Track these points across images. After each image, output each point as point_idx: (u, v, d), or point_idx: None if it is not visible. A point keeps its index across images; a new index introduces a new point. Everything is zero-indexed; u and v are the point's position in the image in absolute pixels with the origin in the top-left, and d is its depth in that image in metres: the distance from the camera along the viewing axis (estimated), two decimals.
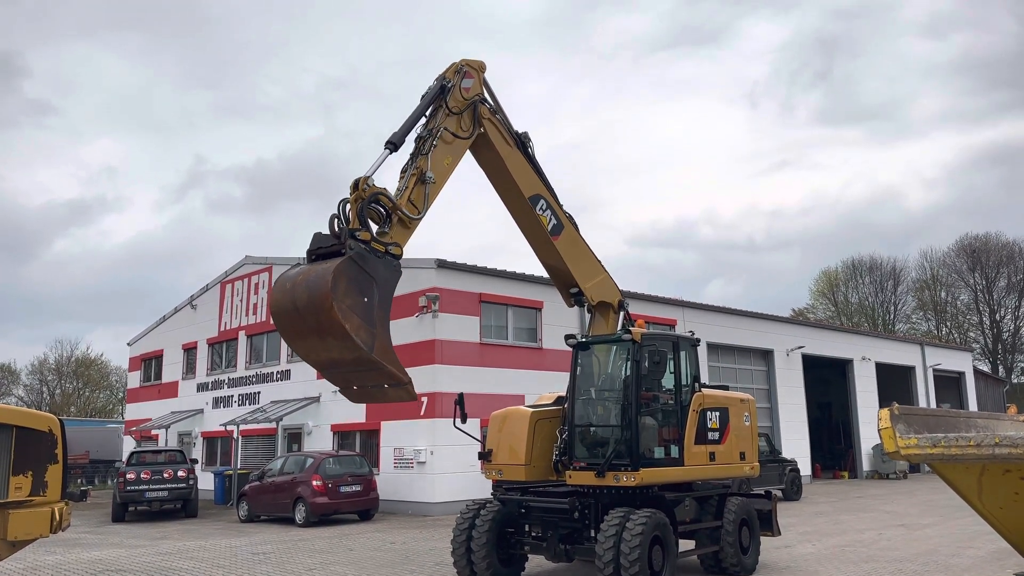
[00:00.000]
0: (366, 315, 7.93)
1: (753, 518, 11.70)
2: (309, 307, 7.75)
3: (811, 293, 69.08)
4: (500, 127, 10.57)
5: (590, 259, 11.76)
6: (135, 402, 36.76)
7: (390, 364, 8.11)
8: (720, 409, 11.41)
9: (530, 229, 11.22)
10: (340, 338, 7.70)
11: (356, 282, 7.92)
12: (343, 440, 24.62)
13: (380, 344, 8.00)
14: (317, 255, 8.32)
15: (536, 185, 11.04)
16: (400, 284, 24.94)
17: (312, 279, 7.85)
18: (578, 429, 10.91)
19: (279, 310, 8.09)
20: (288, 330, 8.15)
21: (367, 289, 8.05)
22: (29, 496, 9.91)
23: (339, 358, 8.03)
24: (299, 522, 19.61)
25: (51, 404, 62.39)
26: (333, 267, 7.78)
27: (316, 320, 7.74)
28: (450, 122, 9.72)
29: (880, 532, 16.13)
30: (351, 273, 7.89)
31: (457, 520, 11.05)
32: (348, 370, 8.29)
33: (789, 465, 25.28)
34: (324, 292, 7.61)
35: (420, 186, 9.13)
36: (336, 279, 7.68)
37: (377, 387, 8.49)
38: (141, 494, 21.94)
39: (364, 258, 8.09)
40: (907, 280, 64.98)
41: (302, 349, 8.29)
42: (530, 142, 11.12)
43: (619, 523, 9.56)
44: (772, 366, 32.84)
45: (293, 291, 7.97)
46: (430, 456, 21.27)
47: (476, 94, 10.19)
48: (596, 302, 11.73)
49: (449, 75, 10.01)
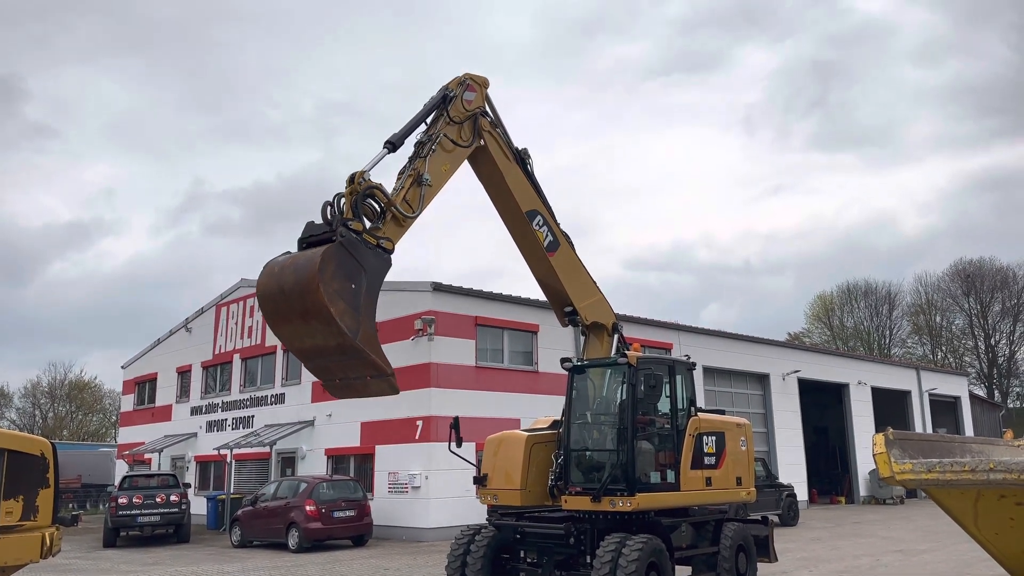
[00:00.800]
0: (352, 301, 7.91)
1: (750, 544, 11.63)
2: (295, 289, 7.75)
3: (806, 317, 69.23)
4: (500, 141, 10.73)
5: (585, 279, 11.82)
6: (128, 425, 36.50)
7: (374, 353, 8.04)
8: (716, 433, 11.37)
9: (526, 244, 11.33)
10: (325, 322, 7.66)
11: (344, 268, 7.93)
12: (337, 464, 24.45)
13: (365, 332, 7.95)
14: (308, 243, 8.33)
15: (534, 201, 11.17)
16: (395, 307, 25.06)
17: (300, 262, 7.88)
18: (574, 453, 10.86)
19: (265, 293, 8.07)
20: (273, 314, 8.11)
21: (355, 276, 8.04)
22: (20, 521, 9.82)
23: (323, 344, 7.98)
24: (292, 548, 19.42)
25: (44, 427, 61.91)
26: (322, 250, 7.82)
27: (302, 303, 7.72)
28: (450, 130, 9.88)
29: (877, 558, 16.03)
30: (340, 258, 7.91)
31: (452, 546, 10.97)
32: (332, 359, 8.21)
33: (786, 490, 25.15)
34: (312, 274, 7.60)
35: (416, 187, 9.24)
36: (325, 262, 7.70)
37: (360, 379, 8.39)
38: (133, 519, 21.72)
39: (355, 246, 8.12)
40: (902, 304, 65.19)
41: (286, 334, 8.22)
42: (529, 159, 11.28)
43: (615, 549, 9.49)
44: (768, 390, 32.78)
45: (281, 274, 7.97)
46: (425, 481, 21.12)
47: (478, 107, 10.37)
48: (590, 322, 11.76)
49: (452, 86, 10.21)
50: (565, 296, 11.51)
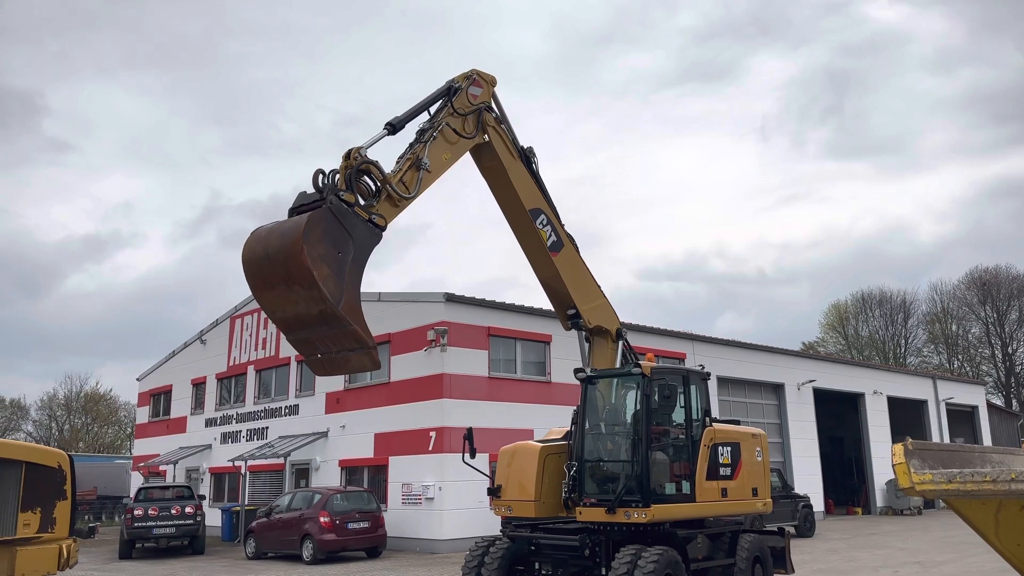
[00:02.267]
0: (337, 268, 7.81)
1: (766, 555, 11.54)
2: (280, 252, 7.66)
3: (821, 327, 68.77)
4: (505, 137, 10.76)
5: (589, 282, 11.79)
6: (143, 437, 36.68)
7: (356, 323, 7.90)
8: (732, 444, 11.31)
9: (529, 243, 11.30)
10: (307, 287, 7.55)
11: (331, 234, 7.83)
12: (351, 475, 24.47)
13: (348, 300, 7.84)
14: (298, 212, 8.23)
15: (538, 199, 11.18)
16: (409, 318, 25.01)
17: (287, 226, 7.82)
18: (588, 464, 10.82)
19: (251, 258, 7.95)
20: (257, 279, 7.97)
21: (342, 243, 7.94)
22: (37, 533, 9.88)
23: (305, 312, 7.84)
24: (307, 559, 19.42)
25: (60, 440, 62.27)
26: (309, 214, 7.78)
27: (285, 267, 7.63)
28: (453, 121, 9.90)
29: (895, 570, 15.86)
30: (327, 224, 7.83)
31: (466, 557, 10.94)
32: (314, 330, 8.04)
33: (802, 501, 24.96)
34: (296, 236, 7.52)
35: (414, 171, 9.21)
36: (311, 225, 7.62)
37: (342, 354, 8.23)
38: (149, 530, 21.80)
39: (344, 213, 8.04)
40: (917, 313, 64.65)
41: (269, 301, 8.07)
42: (535, 157, 11.31)
43: (631, 561, 9.44)
44: (783, 400, 32.58)
45: (267, 238, 7.90)
46: (438, 492, 21.10)
47: (483, 102, 10.41)
48: (593, 326, 11.68)
49: (459, 80, 10.26)
50: (568, 298, 11.47)
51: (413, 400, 22.47)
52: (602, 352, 11.85)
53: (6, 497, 9.67)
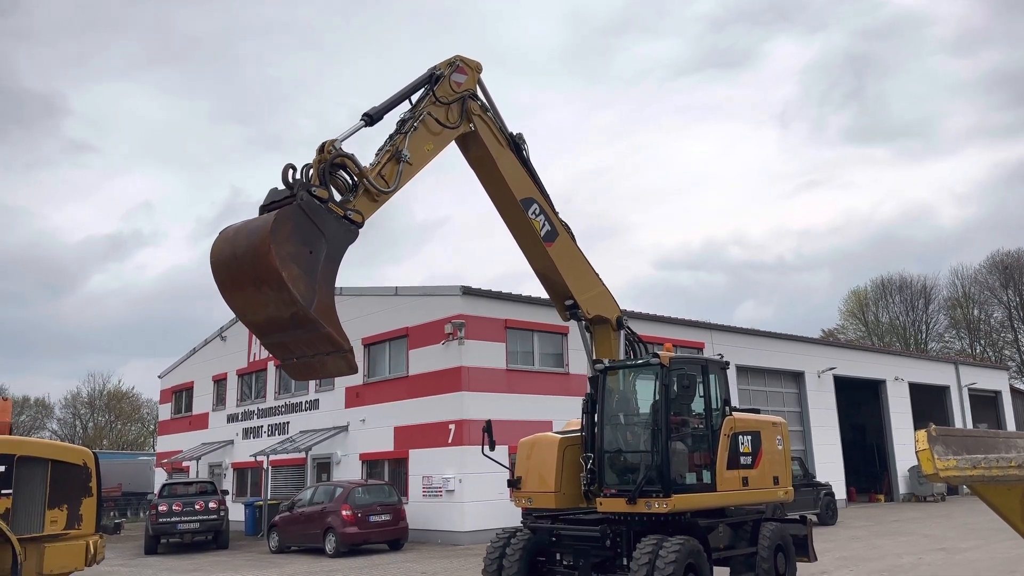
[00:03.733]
0: (308, 267, 7.41)
1: (788, 544, 11.49)
2: (247, 253, 7.27)
3: (841, 313, 68.24)
4: (491, 125, 10.35)
5: (586, 270, 11.47)
6: (166, 434, 37.08)
7: (329, 324, 7.52)
8: (752, 433, 11.26)
9: (522, 234, 10.97)
10: (276, 288, 7.16)
11: (301, 232, 7.45)
12: (372, 469, 24.61)
13: (321, 302, 7.44)
14: (268, 209, 7.87)
15: (529, 188, 10.79)
16: (426, 311, 24.99)
17: (254, 225, 7.43)
18: (607, 455, 10.80)
19: (218, 259, 7.57)
20: (226, 281, 7.58)
21: (313, 241, 7.55)
22: (64, 529, 10.02)
23: (276, 316, 7.45)
24: (329, 552, 19.58)
25: (84, 437, 63.06)
26: (276, 211, 7.40)
27: (253, 268, 7.24)
28: (436, 110, 9.51)
29: (919, 556, 15.75)
30: (297, 221, 7.45)
31: (488, 549, 10.97)
32: (287, 333, 7.66)
33: (824, 489, 24.83)
34: (263, 235, 7.13)
35: (393, 164, 8.85)
36: (279, 223, 7.23)
37: (318, 357, 7.86)
38: (173, 526, 22.05)
39: (315, 210, 7.64)
40: (938, 298, 63.96)
41: (239, 303, 7.67)
42: (524, 144, 10.89)
43: (652, 551, 9.43)
44: (803, 388, 32.40)
45: (235, 237, 7.51)
46: (459, 484, 21.18)
47: (467, 89, 9.99)
48: (592, 316, 11.41)
49: (442, 67, 9.86)
50: (565, 288, 11.17)
51: (432, 393, 22.55)
52: (604, 342, 11.59)
53: (33, 494, 9.81)
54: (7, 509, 9.48)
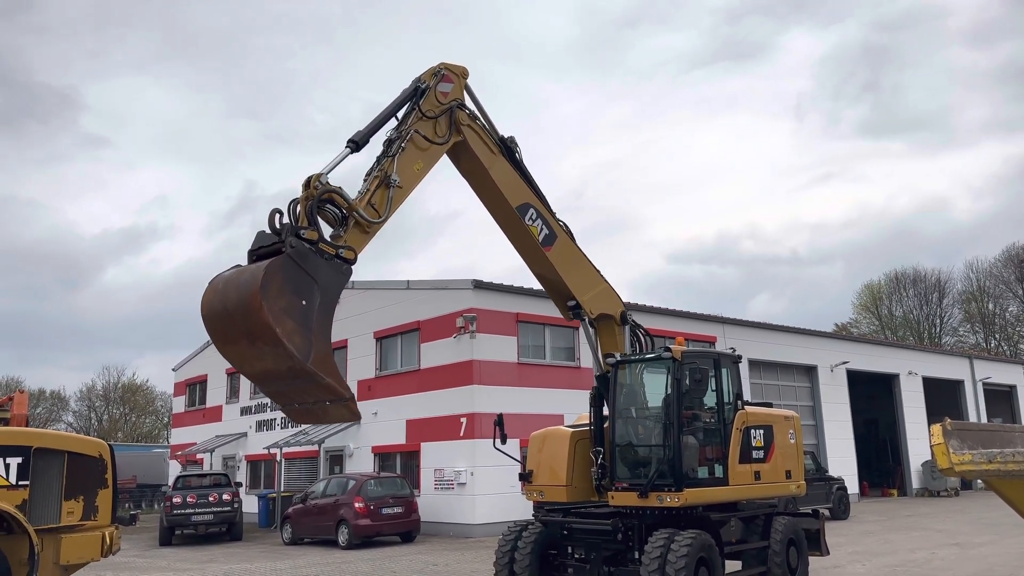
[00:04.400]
0: (303, 319, 7.16)
1: (801, 538, 11.47)
2: (239, 308, 7.04)
3: (854, 307, 67.85)
4: (481, 133, 10.02)
5: (587, 269, 11.24)
6: (180, 427, 37.34)
7: (328, 376, 7.30)
8: (764, 427, 11.23)
9: (519, 240, 10.70)
10: (271, 344, 6.94)
11: (293, 282, 7.21)
12: (384, 462, 24.71)
13: (318, 353, 7.22)
14: (258, 255, 7.62)
15: (524, 194, 10.47)
16: (437, 305, 25.03)
17: (244, 278, 7.17)
18: (619, 449, 10.81)
19: (209, 312, 7.37)
20: (219, 335, 7.41)
21: (306, 291, 7.29)
22: (81, 520, 10.11)
23: (273, 368, 7.29)
24: (342, 544, 19.69)
25: (99, 430, 63.58)
26: (266, 264, 7.12)
27: (246, 323, 7.02)
28: (423, 126, 9.18)
29: (933, 551, 15.69)
30: (288, 272, 7.20)
31: (500, 542, 11.01)
32: (285, 383, 7.51)
33: (836, 483, 24.75)
34: (253, 291, 6.89)
35: (383, 190, 8.54)
36: (269, 277, 6.98)
37: (318, 404, 7.67)
38: (187, 518, 22.22)
39: (305, 257, 7.37)
40: (953, 292, 63.46)
41: (234, 357, 7.53)
42: (517, 147, 10.55)
43: (664, 544, 9.44)
44: (816, 382, 32.27)
45: (224, 291, 7.28)
46: (470, 477, 21.24)
47: (454, 99, 9.66)
48: (596, 315, 11.24)
49: (426, 78, 9.49)
50: (566, 289, 10.96)
51: (443, 387, 22.61)
52: (609, 339, 11.46)
53: (50, 486, 9.90)
54: (24, 500, 9.58)
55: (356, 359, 26.69)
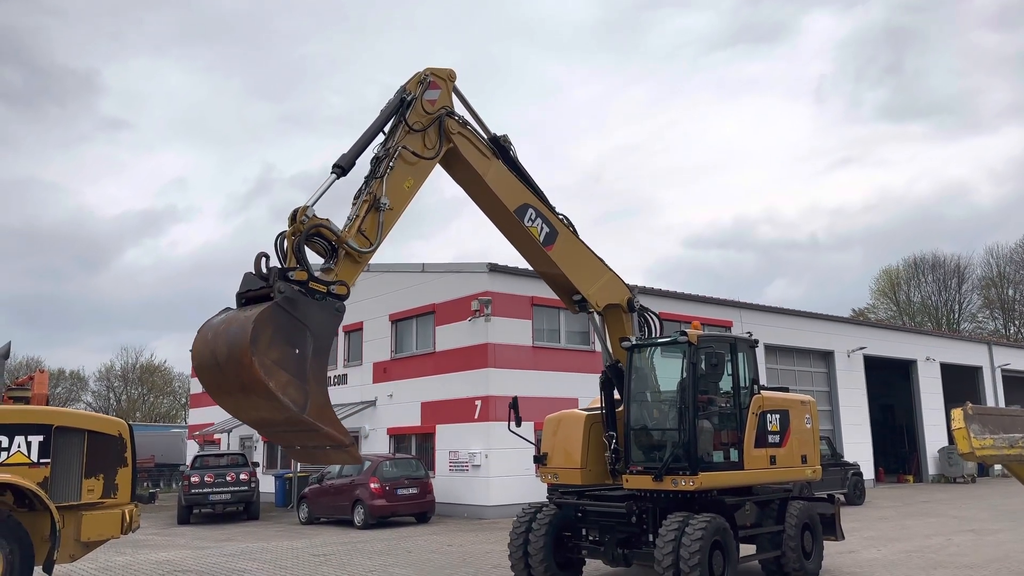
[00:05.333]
0: (297, 369, 6.93)
1: (816, 522, 11.46)
2: (229, 362, 6.81)
3: (871, 292, 67.33)
4: (473, 139, 9.65)
5: (591, 262, 10.97)
6: (198, 407, 37.69)
7: (327, 425, 7.10)
8: (780, 411, 11.19)
9: (520, 243, 10.42)
10: (265, 397, 6.75)
11: (284, 331, 6.92)
12: (399, 443, 24.87)
13: (315, 402, 7.01)
14: (247, 299, 7.37)
15: (521, 194, 10.13)
16: (453, 288, 24.98)
17: (233, 329, 6.88)
18: (633, 432, 10.80)
19: (200, 363, 7.19)
20: (211, 386, 7.21)
21: (298, 339, 7.01)
22: (101, 498, 10.25)
23: (269, 418, 7.13)
24: (358, 524, 19.87)
25: (118, 410, 64.33)
26: (255, 316, 6.78)
27: (238, 378, 6.80)
28: (411, 140, 8.79)
29: (948, 537, 15.62)
30: (278, 322, 6.90)
31: (514, 523, 11.05)
32: (284, 429, 7.35)
33: (851, 469, 24.67)
34: (243, 347, 6.62)
35: (374, 214, 8.15)
36: (258, 330, 6.69)
37: (319, 448, 7.49)
38: (205, 497, 22.49)
39: (294, 302, 7.04)
40: (972, 278, 62.78)
41: (230, 407, 7.34)
42: (511, 146, 10.17)
43: (678, 528, 9.45)
44: (833, 368, 32.12)
45: (215, 342, 7.04)
46: (485, 459, 21.34)
47: (443, 106, 9.25)
48: (602, 306, 11.06)
49: (411, 87, 9.05)
50: (571, 285, 10.76)
51: (458, 370, 22.68)
52: (618, 327, 11.30)
53: (70, 464, 10.04)
54: (45, 478, 9.71)
55: (371, 341, 26.82)
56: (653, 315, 11.75)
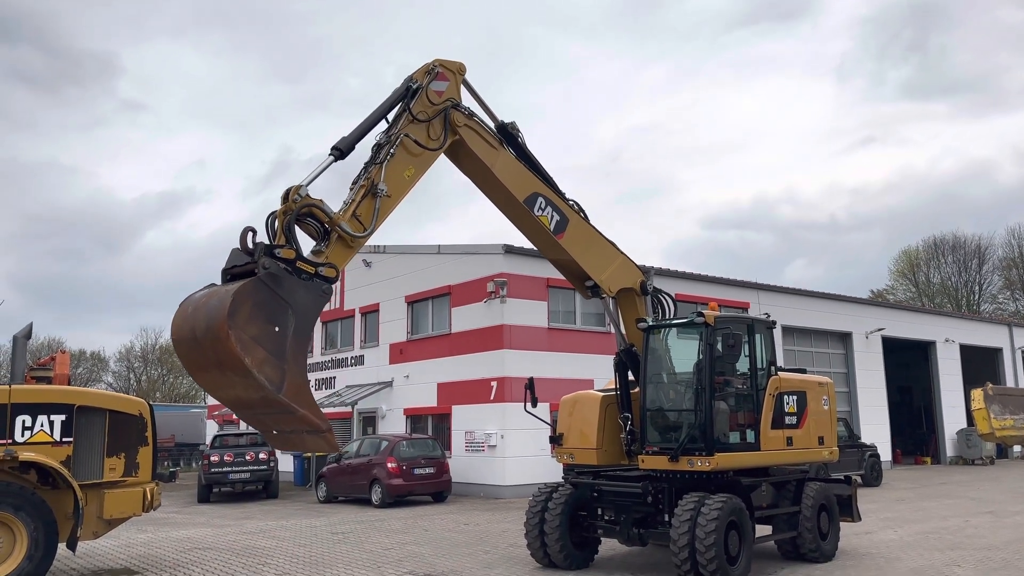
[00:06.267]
0: (275, 347, 6.72)
1: (832, 503, 11.45)
2: (207, 336, 6.63)
3: (890, 273, 66.72)
4: (480, 130, 9.50)
5: (602, 247, 10.86)
6: None
7: (303, 407, 6.86)
8: (798, 393, 11.15)
9: (531, 232, 10.35)
10: (241, 374, 6.57)
11: (264, 308, 6.74)
12: (415, 424, 25.03)
13: (292, 383, 6.78)
14: (232, 275, 7.20)
15: (530, 183, 9.98)
16: (468, 270, 24.96)
17: (213, 303, 6.73)
18: (649, 413, 10.79)
19: (179, 337, 7.01)
20: (189, 361, 7.07)
21: (279, 317, 6.82)
22: (122, 477, 10.40)
23: (245, 397, 6.91)
24: (375, 503, 20.07)
25: (138, 390, 65.10)
26: (235, 289, 6.64)
27: (214, 352, 6.61)
28: (415, 130, 8.68)
29: (966, 519, 15.56)
30: (259, 297, 6.73)
31: (530, 503, 11.11)
32: (261, 412, 7.13)
33: (869, 450, 24.59)
34: (221, 319, 6.45)
35: (370, 200, 8.06)
36: (237, 304, 6.53)
37: (296, 433, 7.22)
38: (225, 476, 22.77)
39: (277, 279, 6.88)
40: (993, 258, 62.03)
41: (206, 383, 7.21)
42: (519, 133, 10.02)
43: (694, 508, 9.46)
44: (850, 349, 31.94)
45: (194, 316, 6.86)
46: (501, 440, 21.44)
47: (449, 98, 9.13)
48: (615, 291, 10.99)
49: (418, 76, 8.93)
50: (582, 272, 10.70)
51: (474, 351, 22.75)
52: (631, 311, 11.26)
53: (92, 443, 10.19)
54: (68, 456, 9.87)
55: (388, 323, 26.93)
56: (667, 296, 11.69)
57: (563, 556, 10.71)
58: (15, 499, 9.23)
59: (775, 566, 10.90)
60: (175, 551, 13.30)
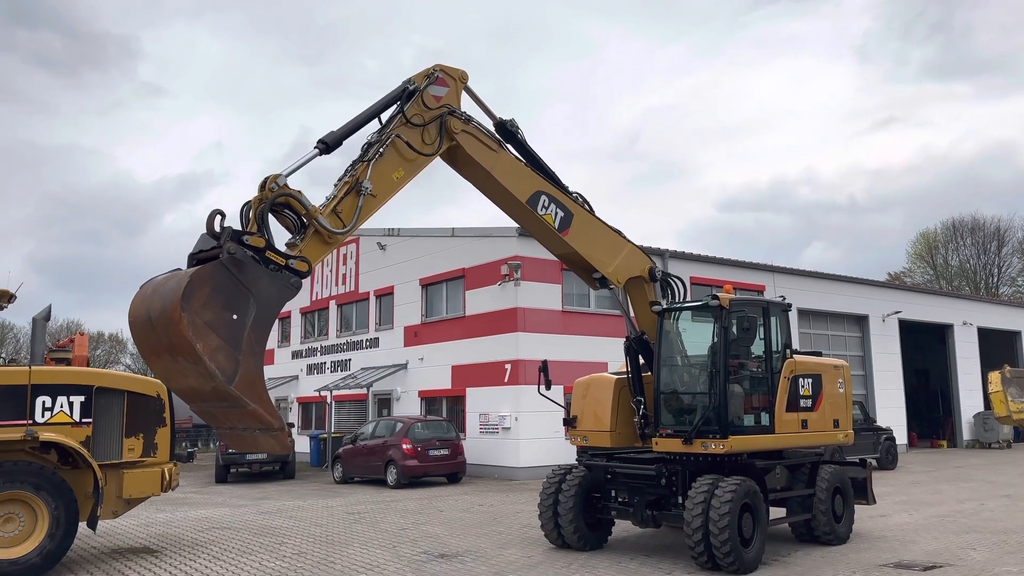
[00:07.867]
0: (230, 336, 6.41)
1: (847, 486, 11.43)
2: (160, 319, 6.37)
3: (908, 256, 66.13)
4: (478, 135, 9.32)
5: (609, 239, 10.71)
6: None
7: (255, 402, 6.52)
8: (813, 376, 11.10)
9: (535, 230, 10.27)
10: (192, 361, 6.28)
11: (223, 293, 6.44)
12: (430, 406, 25.15)
13: (245, 375, 6.45)
14: (199, 260, 6.93)
15: (532, 183, 9.81)
16: (482, 252, 24.92)
17: (170, 285, 6.46)
18: (663, 396, 10.79)
19: (134, 319, 6.75)
20: (143, 346, 6.79)
21: (238, 304, 6.51)
22: (141, 457, 10.54)
23: (197, 387, 6.60)
24: (391, 484, 20.23)
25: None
26: (192, 271, 6.42)
27: (167, 336, 6.34)
28: (409, 133, 8.54)
29: (982, 503, 15.49)
30: (218, 281, 6.45)
31: (544, 484, 11.16)
32: (213, 404, 6.81)
33: (884, 433, 24.50)
34: (175, 301, 6.18)
35: (353, 197, 7.88)
36: (193, 287, 6.25)
37: (248, 431, 6.87)
38: (242, 456, 22.97)
39: (241, 265, 6.60)
40: (1012, 241, 61.29)
41: (160, 371, 6.90)
42: (519, 130, 9.85)
43: (708, 490, 9.47)
44: (867, 332, 31.74)
45: (151, 299, 6.61)
46: (515, 422, 21.52)
47: (447, 105, 8.97)
48: (624, 281, 10.87)
49: (417, 79, 8.77)
50: (590, 265, 10.59)
51: (488, 334, 22.79)
52: (642, 298, 11.18)
53: (111, 424, 10.32)
54: (88, 437, 10.00)
55: (402, 305, 27.02)
56: (677, 280, 11.62)
57: (576, 537, 10.77)
58: (36, 479, 9.37)
59: (789, 548, 10.90)
60: (193, 530, 13.48)
